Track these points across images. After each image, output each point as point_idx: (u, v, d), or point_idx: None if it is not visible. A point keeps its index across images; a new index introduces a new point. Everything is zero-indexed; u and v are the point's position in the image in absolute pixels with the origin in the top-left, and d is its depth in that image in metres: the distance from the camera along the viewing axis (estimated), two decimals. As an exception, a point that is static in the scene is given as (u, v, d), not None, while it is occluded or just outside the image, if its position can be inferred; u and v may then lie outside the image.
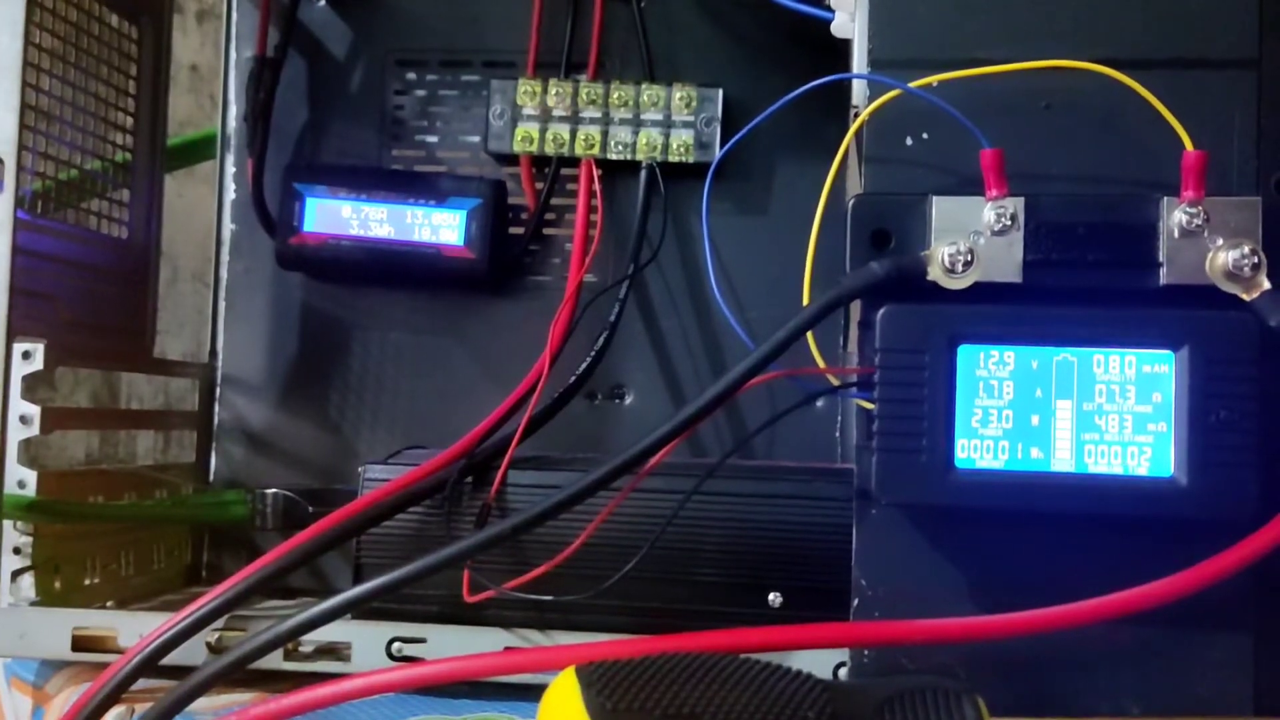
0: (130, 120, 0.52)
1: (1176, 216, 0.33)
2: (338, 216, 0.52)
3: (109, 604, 0.47)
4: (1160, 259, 0.33)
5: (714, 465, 0.39)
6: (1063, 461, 0.33)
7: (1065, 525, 0.34)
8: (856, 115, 0.37)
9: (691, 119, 0.52)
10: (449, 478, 0.42)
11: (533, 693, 0.31)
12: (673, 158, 0.52)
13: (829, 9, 0.43)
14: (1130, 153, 0.35)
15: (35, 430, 0.42)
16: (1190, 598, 0.31)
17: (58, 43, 0.46)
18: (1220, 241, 0.33)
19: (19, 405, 0.42)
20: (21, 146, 0.42)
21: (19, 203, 0.42)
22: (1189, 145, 0.33)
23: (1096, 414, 0.33)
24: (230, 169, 0.56)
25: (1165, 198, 0.33)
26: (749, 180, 0.53)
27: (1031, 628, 0.32)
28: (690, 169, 0.52)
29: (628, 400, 0.53)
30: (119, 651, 0.40)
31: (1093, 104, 0.35)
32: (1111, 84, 0.34)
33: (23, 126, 0.42)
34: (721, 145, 0.51)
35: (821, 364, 0.36)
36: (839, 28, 0.42)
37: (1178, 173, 0.33)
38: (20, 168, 0.42)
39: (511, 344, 0.53)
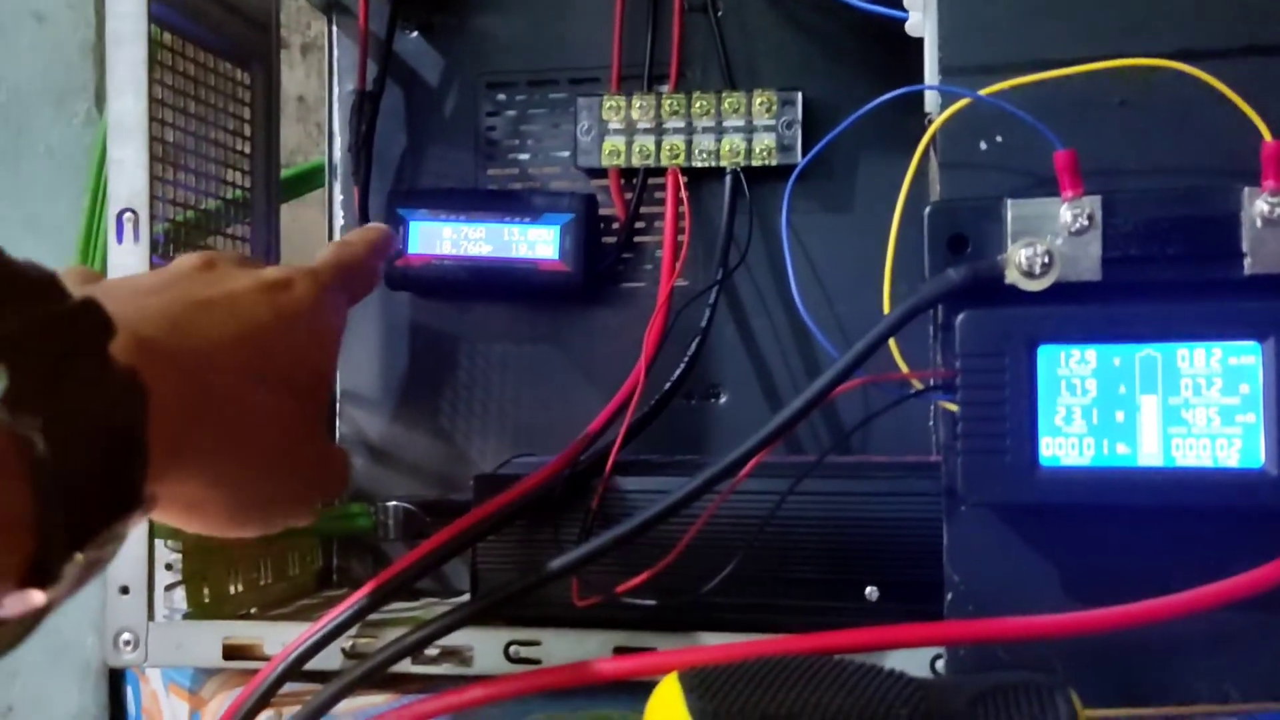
0: (246, 159, 0.56)
1: (1259, 206, 0.33)
2: (439, 238, 0.55)
3: (253, 610, 0.51)
4: (1243, 249, 0.34)
5: (807, 469, 0.40)
6: (1150, 456, 0.34)
7: (1154, 518, 0.34)
8: (930, 122, 0.38)
9: (773, 123, 0.53)
10: (555, 487, 0.44)
11: (642, 689, 0.33)
12: (756, 162, 0.53)
13: (903, 9, 0.44)
14: (1207, 144, 0.35)
15: (179, 456, 0.46)
16: (1285, 586, 0.32)
17: (177, 96, 0.50)
18: (1305, 230, 0.33)
19: (164, 434, 0.46)
20: (152, 197, 0.46)
21: (152, 249, 0.46)
22: (1267, 135, 0.33)
23: (1183, 407, 0.34)
24: (338, 197, 0.59)
25: (1246, 188, 0.33)
26: (831, 179, 0.54)
27: (1126, 622, 0.33)
28: (774, 171, 0.53)
29: (723, 399, 0.55)
30: (265, 658, 0.44)
31: (1167, 98, 0.35)
32: (1185, 76, 0.34)
33: (151, 178, 0.46)
34: (803, 145, 0.52)
35: (904, 368, 0.37)
36: (913, 27, 0.42)
37: (1257, 162, 0.33)
38: (152, 216, 0.46)
39: (608, 350, 0.55)
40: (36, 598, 0.25)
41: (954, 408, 0.35)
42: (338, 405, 0.59)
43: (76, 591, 0.26)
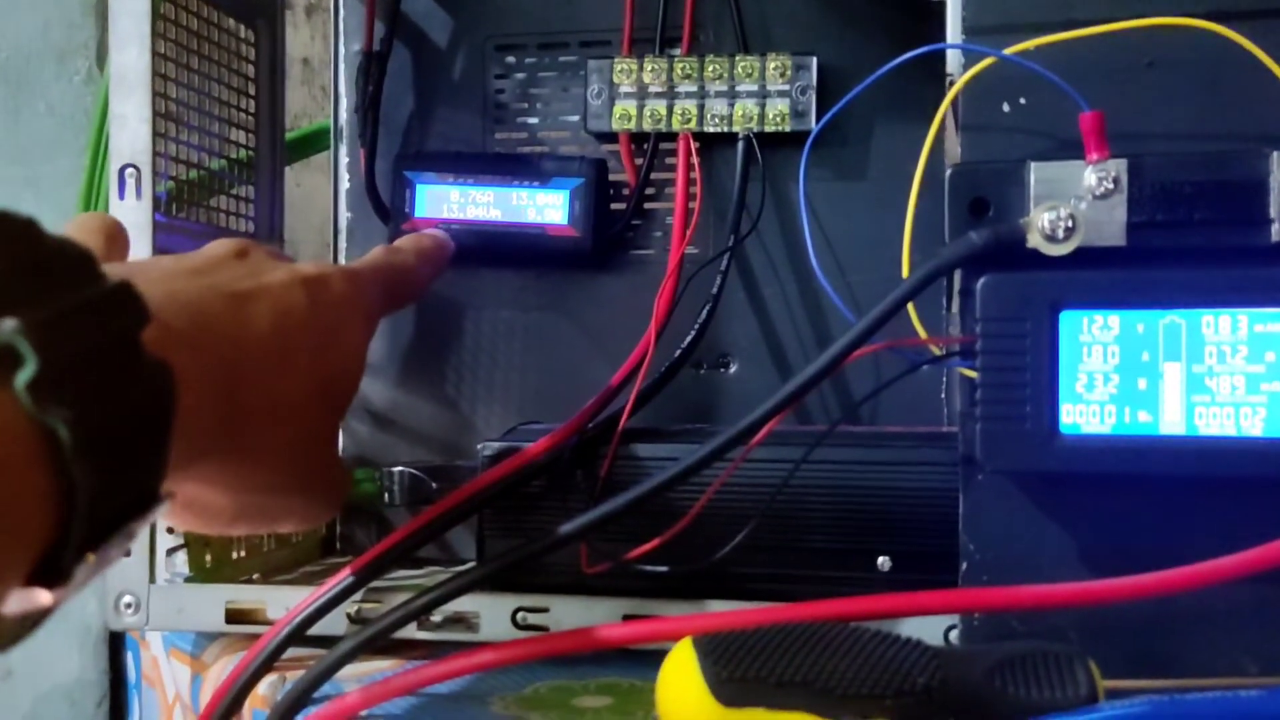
0: (250, 119, 0.55)
1: (1288, 171, 0.33)
2: (447, 201, 0.54)
3: (255, 576, 0.51)
4: (1271, 215, 0.33)
5: (820, 437, 0.40)
6: (1172, 424, 0.33)
7: (1174, 488, 0.34)
8: (952, 84, 0.37)
9: (787, 88, 0.52)
10: (563, 454, 0.43)
11: (651, 657, 0.32)
12: (769, 127, 0.52)
13: (922, -29, 0.43)
14: (1237, 107, 0.34)
15: (181, 419, 0.45)
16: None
17: (180, 51, 0.49)
18: (1335, 195, 0.32)
19: (166, 396, 0.45)
20: (154, 153, 0.45)
21: (155, 206, 0.45)
22: (1300, 98, 0.32)
23: (1207, 375, 0.33)
24: (344, 159, 0.58)
25: (1275, 152, 0.33)
26: (846, 146, 0.53)
27: (1144, 592, 0.32)
28: (787, 138, 0.52)
29: (733, 369, 0.54)
30: (268, 623, 0.44)
31: (1197, 59, 0.34)
32: (1216, 38, 0.33)
33: (154, 134, 0.45)
34: (818, 111, 0.52)
35: (923, 334, 0.37)
36: (933, -11, 0.42)
37: (1288, 126, 0.33)
38: (155, 173, 0.45)
39: (617, 317, 0.55)
40: (43, 597, 0.24)
41: (973, 374, 0.34)
42: (342, 371, 0.59)
43: (80, 591, 0.25)
